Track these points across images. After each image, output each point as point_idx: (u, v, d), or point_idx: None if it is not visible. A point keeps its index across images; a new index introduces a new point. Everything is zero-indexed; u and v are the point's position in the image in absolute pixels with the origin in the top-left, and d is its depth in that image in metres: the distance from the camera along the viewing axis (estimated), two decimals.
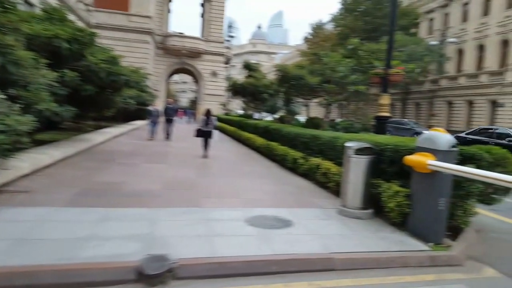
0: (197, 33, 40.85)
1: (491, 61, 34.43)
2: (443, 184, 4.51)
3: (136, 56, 30.16)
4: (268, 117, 19.14)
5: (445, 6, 40.87)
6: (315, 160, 7.67)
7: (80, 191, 5.80)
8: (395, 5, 8.44)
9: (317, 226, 4.93)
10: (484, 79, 34.56)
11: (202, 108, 13.61)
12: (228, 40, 42.12)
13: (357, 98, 9.21)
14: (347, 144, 5.65)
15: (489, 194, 5.28)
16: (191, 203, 5.61)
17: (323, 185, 7.20)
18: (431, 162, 4.44)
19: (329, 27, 47.13)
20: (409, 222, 4.86)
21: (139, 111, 19.04)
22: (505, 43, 33.46)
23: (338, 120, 11.99)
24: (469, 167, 4.47)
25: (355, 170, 5.48)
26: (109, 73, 10.04)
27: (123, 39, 30.37)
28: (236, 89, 18.47)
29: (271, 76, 15.91)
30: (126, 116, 20.95)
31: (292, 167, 8.86)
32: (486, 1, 35.61)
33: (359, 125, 8.97)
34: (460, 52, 37.54)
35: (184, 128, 22.70)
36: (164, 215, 4.94)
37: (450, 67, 38.24)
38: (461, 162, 4.59)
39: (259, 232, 4.50)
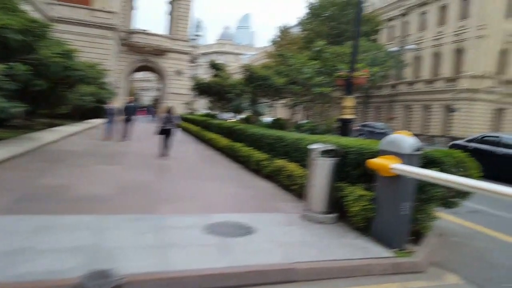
0: (162, 31, 39.91)
1: (446, 68, 36.19)
2: (407, 188, 4.43)
3: (98, 52, 29.00)
4: (231, 117, 18.84)
5: (404, 14, 42.55)
6: (280, 162, 7.48)
7: (21, 196, 5.22)
8: (360, 11, 8.45)
9: (280, 232, 4.69)
10: (439, 85, 36.26)
11: (166, 105, 13.10)
12: (194, 39, 41.36)
13: (322, 100, 9.15)
14: (312, 146, 5.48)
15: (450, 198, 5.30)
16: (146, 209, 5.19)
17: (287, 187, 7.01)
18: (394, 165, 4.34)
19: (296, 30, 47.68)
20: (373, 227, 4.75)
21: (97, 109, 18.10)
22: (459, 51, 35.27)
23: (303, 121, 11.92)
24: (432, 170, 4.45)
25: (320, 173, 5.31)
26: (63, 68, 9.35)
27: (85, 34, 29.13)
28: (201, 88, 18.01)
29: (238, 76, 15.64)
30: (83, 114, 19.90)
31: (257, 169, 8.62)
32: (442, 12, 37.44)
33: (324, 126, 8.90)
34: (418, 59, 39.21)
35: (145, 127, 21.87)
36: (114, 222, 4.50)
37: (408, 73, 39.82)
38: (424, 166, 4.54)
39: (218, 241, 4.19)
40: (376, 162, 4.57)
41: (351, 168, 5.38)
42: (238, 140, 10.90)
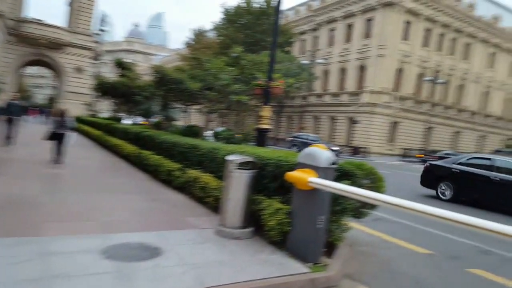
0: (61, 22, 35.78)
1: (351, 83, 39.50)
2: (323, 201, 4.37)
3: None
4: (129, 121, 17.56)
5: (315, 29, 45.42)
6: (193, 173, 6.99)
7: None
8: (278, 19, 8.47)
9: (192, 252, 4.24)
10: (344, 98, 39.36)
11: (58, 107, 11.45)
12: (98, 34, 38.07)
13: (239, 108, 8.92)
14: (229, 157, 5.15)
15: (360, 208, 5.44)
16: (29, 231, 4.28)
17: (201, 200, 6.56)
18: (312, 179, 4.24)
19: (211, 35, 47.39)
20: (288, 241, 4.59)
21: None
22: (362, 68, 38.79)
23: (219, 129, 11.57)
24: (344, 183, 4.47)
25: (236, 186, 5.01)
26: None
27: None
28: (105, 89, 16.43)
29: (149, 77, 14.64)
30: None
31: (167, 180, 7.99)
32: (348, 30, 40.87)
33: (241, 136, 8.67)
34: (327, 73, 42.15)
35: (36, 129, 19.26)
36: None
37: (318, 86, 42.48)
38: (337, 178, 4.55)
39: (118, 267, 3.58)
40: (295, 175, 4.43)
41: (269, 181, 5.19)
42: (146, 147, 10.08)
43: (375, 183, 5.34)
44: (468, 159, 10.69)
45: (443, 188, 10.65)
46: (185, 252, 4.23)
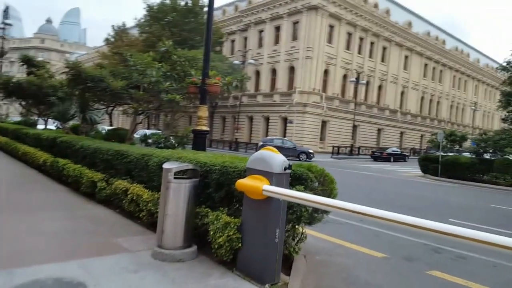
0: None
1: (282, 84, 40.19)
2: (279, 211, 3.86)
3: None
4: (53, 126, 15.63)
5: (244, 30, 45.43)
6: (122, 184, 6.04)
7: None
8: (211, 12, 7.84)
9: (125, 285, 3.44)
10: (276, 98, 39.91)
11: None
12: (2, 28, 33.61)
13: (171, 108, 8.09)
14: (165, 165, 4.40)
15: (312, 214, 5.06)
16: None
17: (132, 215, 5.68)
18: (266, 187, 3.70)
19: (135, 32, 44.74)
20: (240, 259, 4.01)
21: None
22: (291, 69, 39.67)
23: (149, 132, 10.52)
24: (298, 188, 4.04)
25: (176, 199, 4.28)
26: None
27: None
28: (10, 89, 14.18)
29: (64, 77, 12.95)
30: None
31: (90, 192, 6.88)
32: (276, 32, 41.55)
33: (176, 139, 7.85)
34: (258, 73, 42.39)
35: None
36: None
37: (250, 86, 42.53)
38: (290, 183, 4.08)
39: None
40: (246, 183, 3.85)
41: (213, 190, 4.56)
42: (63, 156, 8.74)
43: (327, 186, 4.99)
44: None
45: None
46: (116, 286, 3.42)
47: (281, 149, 27.73)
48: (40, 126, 16.54)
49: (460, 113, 61.70)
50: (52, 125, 16.32)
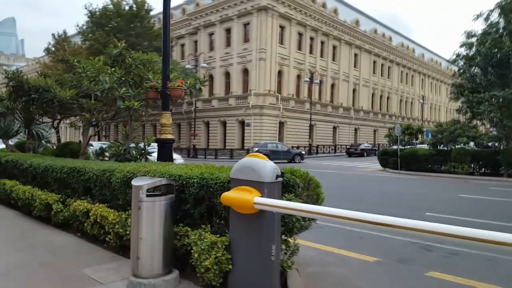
0: None
1: (237, 87, 39.81)
2: (275, 226, 3.45)
3: None
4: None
5: (194, 33, 44.54)
6: (81, 204, 5.32)
7: None
8: (167, 11, 7.27)
9: None
10: (232, 102, 39.46)
11: None
12: None
13: (130, 117, 7.35)
14: (135, 182, 3.84)
15: (303, 221, 4.72)
16: None
17: (97, 239, 5.00)
18: (258, 199, 3.28)
19: (77, 40, 42.26)
20: (232, 283, 3.55)
21: None
22: (245, 71, 39.43)
23: (104, 145, 9.65)
24: (288, 196, 3.68)
25: (150, 219, 3.74)
26: None
27: None
28: None
29: (4, 90, 11.58)
30: None
31: (45, 216, 6.04)
32: (227, 34, 41.15)
33: (136, 150, 7.16)
34: (211, 77, 41.67)
35: None
36: None
37: (204, 91, 41.65)
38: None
39: None
40: (233, 196, 3.40)
41: (192, 206, 4.06)
42: (10, 177, 7.75)
43: (312, 190, 4.67)
44: None
45: None
46: None
47: (277, 152, 27.47)
48: None
49: (409, 107, 64.99)
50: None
